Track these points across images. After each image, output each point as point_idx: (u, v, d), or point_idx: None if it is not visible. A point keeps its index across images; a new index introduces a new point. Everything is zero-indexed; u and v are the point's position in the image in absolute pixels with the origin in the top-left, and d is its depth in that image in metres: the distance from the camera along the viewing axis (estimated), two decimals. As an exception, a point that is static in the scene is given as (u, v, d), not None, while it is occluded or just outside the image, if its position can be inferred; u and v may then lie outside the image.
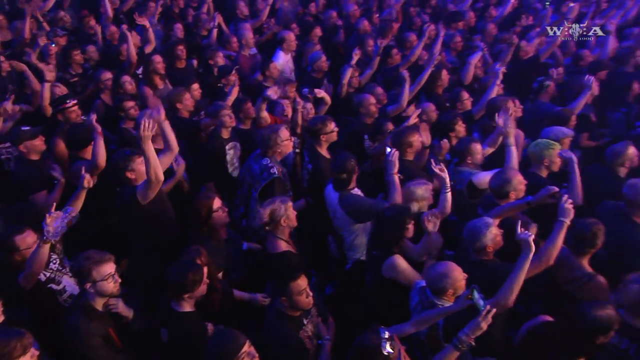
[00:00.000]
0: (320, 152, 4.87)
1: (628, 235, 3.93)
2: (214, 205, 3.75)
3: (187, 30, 7.69)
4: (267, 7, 8.11)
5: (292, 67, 7.20)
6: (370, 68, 6.62)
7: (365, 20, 8.09)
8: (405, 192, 4.09)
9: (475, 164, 4.63)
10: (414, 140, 4.59)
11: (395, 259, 3.53)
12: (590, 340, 2.82)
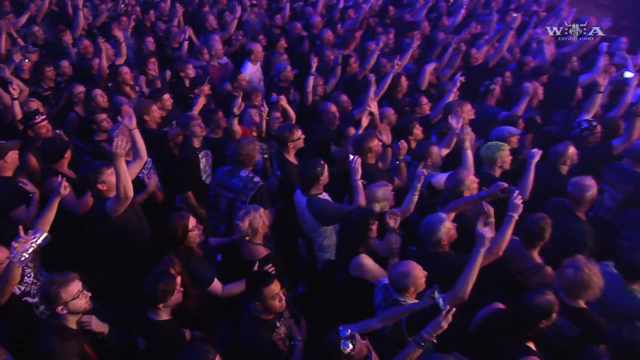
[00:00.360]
0: (288, 159, 4.83)
1: (572, 229, 4.01)
2: (190, 225, 3.60)
3: (158, 43, 7.55)
4: (235, 19, 8.01)
5: (260, 76, 7.14)
6: (334, 77, 6.64)
7: (329, 30, 8.06)
8: (368, 193, 4.11)
9: (435, 165, 4.70)
10: (373, 145, 4.59)
11: (361, 258, 3.53)
12: (534, 325, 2.92)
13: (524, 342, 2.97)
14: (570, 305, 3.18)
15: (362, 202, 3.99)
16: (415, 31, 8.13)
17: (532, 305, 2.86)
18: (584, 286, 3.07)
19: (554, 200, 4.30)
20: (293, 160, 4.86)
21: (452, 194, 4.03)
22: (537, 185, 4.81)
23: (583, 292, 3.12)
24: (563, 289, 3.19)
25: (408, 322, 3.07)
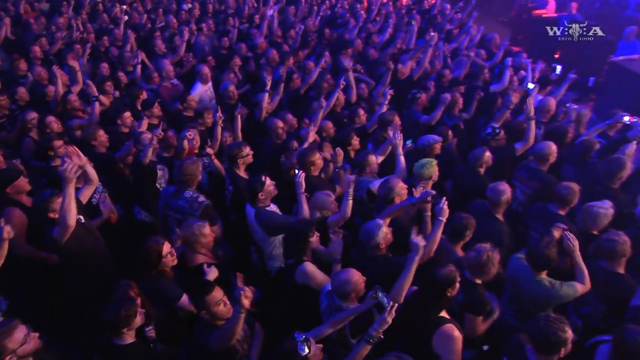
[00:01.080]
0: (239, 174, 4.66)
1: (492, 229, 4.03)
2: (164, 250, 3.35)
3: (112, 67, 7.18)
4: (184, 43, 7.75)
5: (211, 95, 6.87)
6: (277, 94, 6.42)
7: (274, 49, 7.90)
8: (312, 202, 4.03)
9: (372, 172, 4.65)
10: (315, 159, 4.47)
11: (305, 266, 3.43)
12: (443, 294, 3.00)
13: (438, 312, 3.04)
14: (471, 280, 3.31)
15: (306, 213, 3.89)
16: (349, 49, 8.14)
17: (438, 276, 2.98)
18: (480, 266, 3.22)
19: (476, 203, 4.31)
20: (243, 175, 4.68)
21: (384, 200, 3.99)
22: (459, 186, 4.86)
23: (479, 270, 3.25)
24: (466, 267, 3.33)
25: (351, 326, 3.01)
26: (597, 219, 3.91)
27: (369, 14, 10.88)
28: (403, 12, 11.34)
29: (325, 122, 5.61)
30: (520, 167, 4.84)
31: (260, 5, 11.40)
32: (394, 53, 8.20)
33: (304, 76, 7.07)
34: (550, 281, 3.44)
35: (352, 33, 9.10)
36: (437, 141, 4.98)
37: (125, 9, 10.40)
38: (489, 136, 5.15)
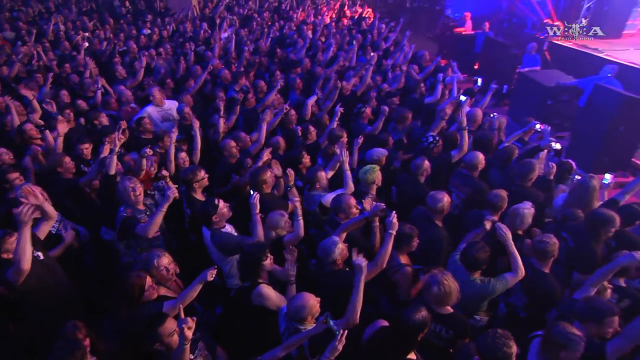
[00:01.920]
0: (195, 197, 4.24)
1: (432, 233, 3.86)
2: (146, 284, 2.97)
3: (73, 94, 6.51)
4: (142, 68, 7.19)
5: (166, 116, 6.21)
6: (233, 114, 5.99)
7: (226, 69, 7.46)
8: (267, 222, 3.70)
9: (323, 187, 4.36)
10: (266, 177, 4.13)
11: (260, 288, 3.11)
12: (414, 338, 2.70)
13: (407, 353, 2.72)
14: (440, 312, 3.04)
15: (260, 234, 3.53)
16: (298, 68, 7.84)
17: (410, 322, 2.64)
18: (447, 296, 2.97)
19: (418, 210, 4.13)
20: (200, 197, 4.27)
21: (336, 214, 3.72)
22: (402, 193, 4.65)
23: (447, 300, 3.00)
24: (432, 302, 3.04)
25: (310, 346, 2.70)
26: (523, 219, 3.86)
27: (314, 34, 10.59)
28: (345, 32, 11.13)
29: (277, 138, 5.29)
30: (454, 174, 4.69)
31: (217, 29, 10.84)
32: (339, 70, 7.92)
33: (257, 95, 6.72)
34: (482, 279, 3.38)
35: (300, 53, 8.79)
36: (384, 154, 4.80)
37: (87, 36, 9.65)
38: (432, 145, 4.95)
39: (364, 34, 10.99)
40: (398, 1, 20.18)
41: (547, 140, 4.72)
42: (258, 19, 12.58)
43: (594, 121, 7.14)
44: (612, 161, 7.27)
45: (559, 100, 8.53)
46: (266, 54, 9.10)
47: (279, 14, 13.89)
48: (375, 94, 6.78)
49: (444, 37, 13.97)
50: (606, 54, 10.57)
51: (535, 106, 8.71)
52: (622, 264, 3.12)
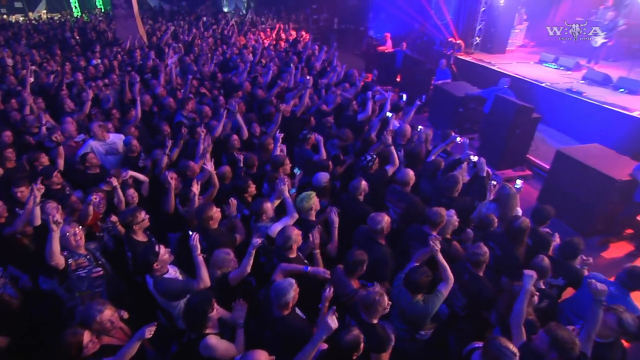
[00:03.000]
0: (136, 239, 3.50)
1: (377, 252, 3.45)
2: (84, 340, 2.38)
3: (16, 132, 5.41)
4: (88, 100, 6.19)
5: (111, 150, 5.23)
6: (176, 147, 5.12)
7: (170, 98, 6.63)
8: (212, 261, 3.12)
9: (269, 218, 3.77)
10: (212, 213, 3.50)
11: (207, 340, 2.55)
12: (350, 357, 2.39)
13: None
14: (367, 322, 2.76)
15: (204, 276, 2.94)
16: (239, 91, 7.17)
17: (343, 343, 2.34)
18: (370, 308, 2.71)
19: (361, 229, 3.70)
20: (141, 238, 3.55)
21: (284, 249, 3.20)
22: (344, 213, 4.20)
23: (372, 313, 2.73)
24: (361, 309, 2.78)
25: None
26: (448, 226, 3.70)
27: (255, 56, 9.89)
28: (283, 54, 10.53)
29: (224, 168, 4.62)
30: (389, 191, 4.32)
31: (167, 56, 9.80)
32: (279, 92, 7.32)
33: (202, 120, 5.99)
34: (425, 299, 3.06)
35: (242, 76, 8.04)
36: (328, 178, 4.31)
37: (34, 69, 8.32)
38: (370, 163, 4.54)
39: (300, 55, 10.46)
40: (328, 23, 19.77)
41: (466, 154, 4.48)
42: (203, 44, 11.62)
43: (497, 126, 7.14)
44: (513, 158, 7.34)
45: (468, 107, 8.54)
46: (209, 78, 8.24)
47: (222, 39, 12.98)
48: (313, 115, 6.32)
49: (369, 54, 13.79)
50: (498, 67, 10.83)
51: (449, 113, 8.69)
52: (527, 291, 2.87)
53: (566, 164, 5.88)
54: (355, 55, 16.68)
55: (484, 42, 12.98)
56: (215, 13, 20.15)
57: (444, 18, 13.73)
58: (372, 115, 6.18)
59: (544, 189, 6.37)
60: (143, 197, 4.32)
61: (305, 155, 5.19)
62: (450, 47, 12.40)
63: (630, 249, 5.65)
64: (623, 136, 7.50)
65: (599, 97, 8.27)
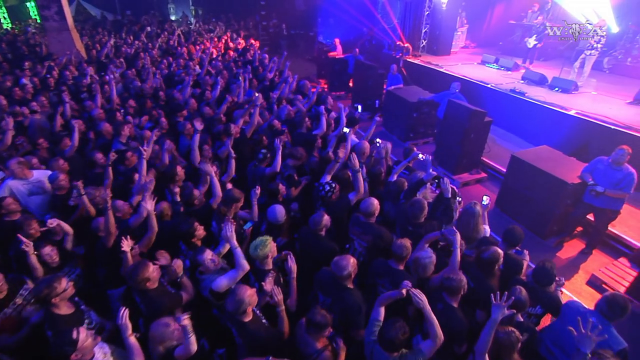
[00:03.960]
0: (59, 314, 2.66)
1: (348, 299, 2.94)
2: None
3: None
4: (9, 130, 5.16)
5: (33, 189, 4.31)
6: (107, 179, 4.34)
7: (107, 123, 5.73)
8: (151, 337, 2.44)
9: (215, 268, 3.12)
10: (148, 274, 2.79)
11: None
12: None
13: None
14: None
15: None
16: (184, 110, 6.36)
17: None
18: None
19: (325, 272, 3.12)
20: (65, 311, 2.70)
21: (238, 313, 2.59)
22: (304, 248, 3.67)
23: None
24: None
25: None
26: (426, 268, 3.20)
27: (202, 68, 9.04)
28: (232, 64, 9.74)
29: (161, 206, 3.88)
30: (353, 222, 3.79)
31: (107, 71, 8.71)
32: (229, 107, 6.61)
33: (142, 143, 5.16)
34: (402, 355, 2.56)
35: (185, 91, 7.10)
36: (284, 214, 3.72)
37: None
38: (330, 192, 3.99)
39: (249, 65, 9.74)
40: (277, 29, 19.05)
41: (430, 174, 4.05)
42: (147, 57, 10.48)
43: (452, 131, 6.91)
44: (469, 162, 7.14)
45: (422, 112, 8.29)
46: (150, 96, 7.25)
47: (168, 50, 11.89)
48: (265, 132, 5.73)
49: (321, 60, 13.29)
50: (445, 69, 10.72)
51: (404, 118, 8.41)
52: (495, 322, 2.51)
53: (521, 167, 5.72)
54: (307, 61, 16.17)
55: (430, 45, 12.91)
56: (162, 22, 18.72)
57: (391, 22, 13.53)
58: (328, 131, 5.68)
59: (501, 192, 6.20)
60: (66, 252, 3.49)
61: (260, 173, 4.63)
62: (399, 50, 12.20)
63: (581, 247, 5.59)
64: (563, 134, 7.56)
65: (539, 97, 8.32)
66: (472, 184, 7.05)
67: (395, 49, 12.46)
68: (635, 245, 5.32)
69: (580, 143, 7.35)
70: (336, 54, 12.50)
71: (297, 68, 15.10)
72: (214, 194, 3.93)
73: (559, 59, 12.24)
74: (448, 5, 11.96)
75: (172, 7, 23.15)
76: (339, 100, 11.70)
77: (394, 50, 12.55)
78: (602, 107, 7.81)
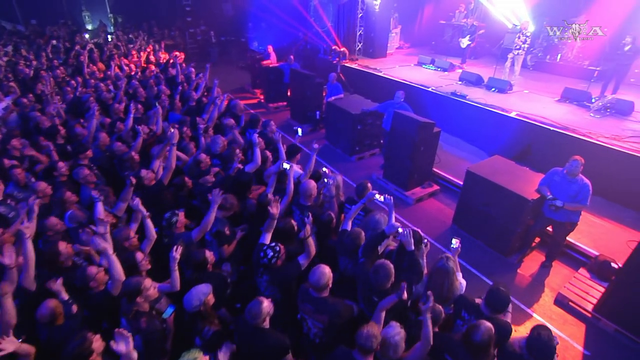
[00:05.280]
0: None
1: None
2: None
3: None
4: None
5: None
6: None
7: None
8: None
9: None
10: None
11: None
12: None
13: None
14: None
15: None
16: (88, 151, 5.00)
17: None
18: None
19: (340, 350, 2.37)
20: None
21: None
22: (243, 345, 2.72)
23: None
24: None
25: None
26: (397, 348, 2.43)
27: (117, 91, 7.50)
28: (151, 83, 8.29)
29: (50, 301, 2.75)
30: (302, 296, 2.89)
31: None
32: (145, 140, 5.33)
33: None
34: None
35: (91, 124, 5.54)
36: (207, 293, 2.71)
37: None
38: (274, 258, 3.03)
39: (172, 82, 8.41)
40: (206, 37, 17.47)
41: (392, 227, 3.18)
42: (50, 79, 8.63)
43: (401, 145, 6.29)
44: (420, 176, 6.59)
45: (366, 124, 7.62)
46: (46, 133, 5.65)
47: (77, 69, 10.01)
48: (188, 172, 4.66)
49: (254, 69, 12.17)
50: (384, 73, 10.22)
51: (348, 131, 7.69)
52: None
53: (477, 183, 5.22)
54: (240, 69, 14.94)
55: (365, 47, 12.38)
56: (73, 33, 16.08)
57: (324, 25, 12.79)
58: (265, 165, 4.73)
59: (459, 209, 5.68)
60: None
61: (185, 238, 3.47)
62: (336, 55, 11.50)
63: (541, 259, 5.26)
64: (506, 136, 7.31)
65: (480, 99, 8.04)
66: (425, 198, 6.51)
67: (331, 53, 11.74)
68: (592, 253, 5.06)
69: (523, 144, 7.13)
70: (270, 62, 11.48)
71: (231, 77, 13.88)
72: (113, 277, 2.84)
73: (487, 56, 12.37)
74: (381, 6, 11.47)
75: (87, 15, 20.36)
76: (277, 111, 10.73)
77: (330, 54, 11.83)
78: (536, 107, 7.71)
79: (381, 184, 6.85)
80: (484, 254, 5.34)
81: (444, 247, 5.34)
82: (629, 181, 5.75)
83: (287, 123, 9.77)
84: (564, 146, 6.47)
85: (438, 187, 6.66)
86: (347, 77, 11.08)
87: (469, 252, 5.26)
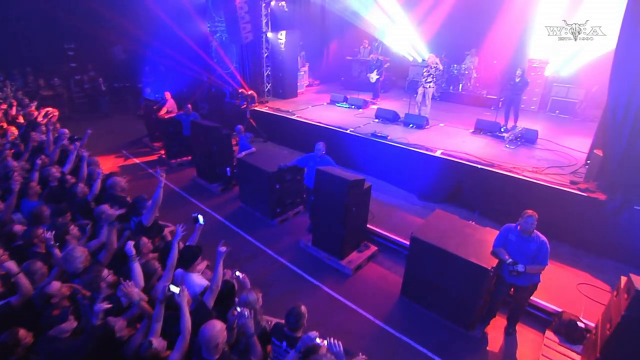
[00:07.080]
0: None
1: None
2: None
3: None
4: None
5: None
6: None
7: None
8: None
9: None
10: None
11: None
12: None
13: None
14: None
15: None
16: None
17: None
18: None
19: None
20: None
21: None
22: None
23: None
24: None
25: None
26: None
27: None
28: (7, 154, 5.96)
29: None
30: None
31: None
32: None
33: None
34: None
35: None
36: None
37: None
38: None
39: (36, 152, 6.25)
40: (95, 84, 14.87)
41: None
42: None
43: (329, 208, 5.20)
44: (355, 239, 5.55)
45: (285, 181, 6.41)
46: None
47: None
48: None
49: (151, 120, 10.25)
50: (297, 116, 9.27)
51: (265, 192, 6.38)
52: None
53: (424, 250, 4.30)
54: (137, 118, 12.74)
55: (275, 88, 11.42)
56: None
57: (227, 67, 11.54)
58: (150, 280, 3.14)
59: (407, 279, 4.70)
60: None
61: None
62: (244, 99, 10.27)
63: (502, 323, 4.50)
64: (435, 177, 6.76)
65: (401, 138, 7.46)
66: (365, 264, 5.45)
67: (238, 97, 10.49)
68: (553, 309, 4.45)
69: (453, 185, 6.61)
70: (166, 110, 9.74)
71: (127, 130, 11.71)
72: None
73: (396, 89, 12.33)
74: (286, 45, 10.66)
75: None
76: (181, 169, 8.99)
77: (237, 98, 10.57)
78: (456, 142, 7.38)
79: (311, 252, 5.64)
80: (441, 329, 4.39)
81: (395, 330, 4.30)
82: (559, 215, 5.44)
83: (193, 183, 8.12)
84: (493, 182, 6.08)
85: (376, 247, 5.67)
86: (258, 122, 9.90)
87: (423, 330, 4.28)
